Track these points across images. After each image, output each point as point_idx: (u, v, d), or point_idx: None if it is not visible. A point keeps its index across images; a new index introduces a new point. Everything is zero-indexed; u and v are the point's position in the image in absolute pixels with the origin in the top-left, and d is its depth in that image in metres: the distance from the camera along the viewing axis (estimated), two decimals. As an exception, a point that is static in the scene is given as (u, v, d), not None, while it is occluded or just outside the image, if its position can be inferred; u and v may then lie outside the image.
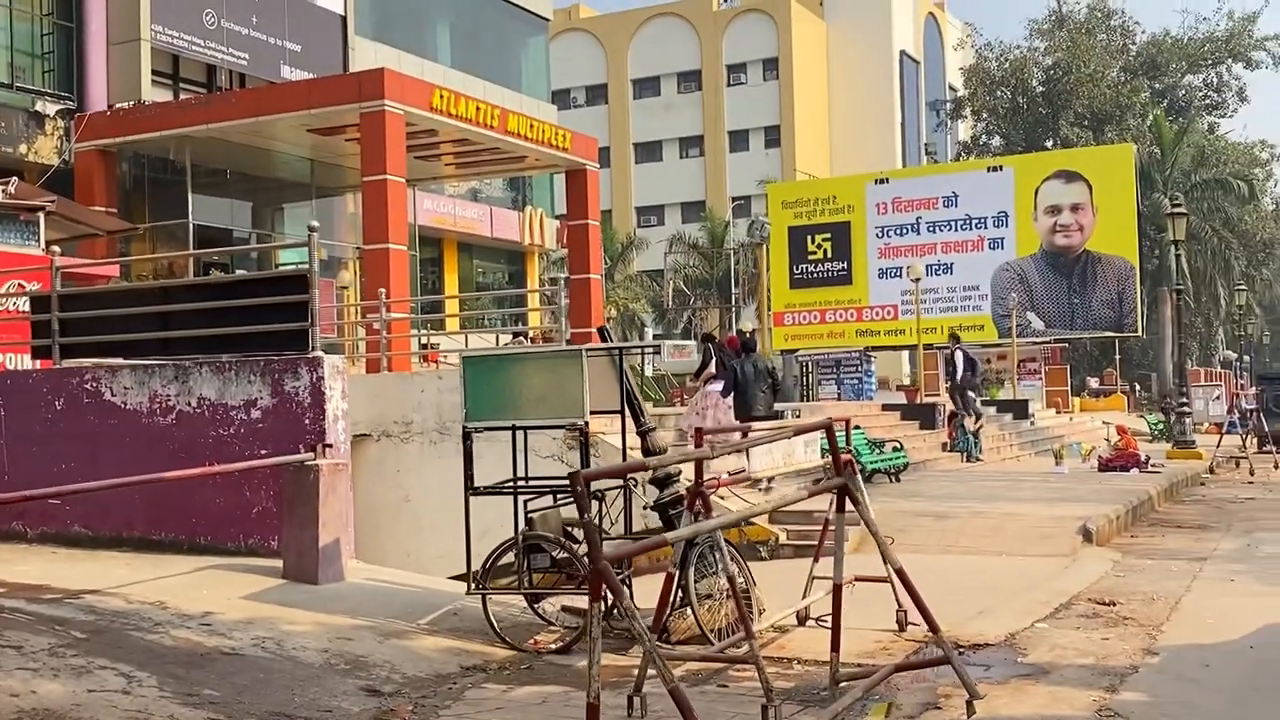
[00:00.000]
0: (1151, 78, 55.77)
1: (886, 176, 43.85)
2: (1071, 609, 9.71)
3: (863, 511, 6.20)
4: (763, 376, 15.33)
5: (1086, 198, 38.62)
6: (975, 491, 16.93)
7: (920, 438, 22.31)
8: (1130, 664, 7.72)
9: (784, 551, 12.68)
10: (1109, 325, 39.15)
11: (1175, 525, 15.33)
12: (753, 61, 64.09)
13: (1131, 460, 20.60)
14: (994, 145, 55.57)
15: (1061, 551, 12.41)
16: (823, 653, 8.12)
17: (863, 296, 40.73)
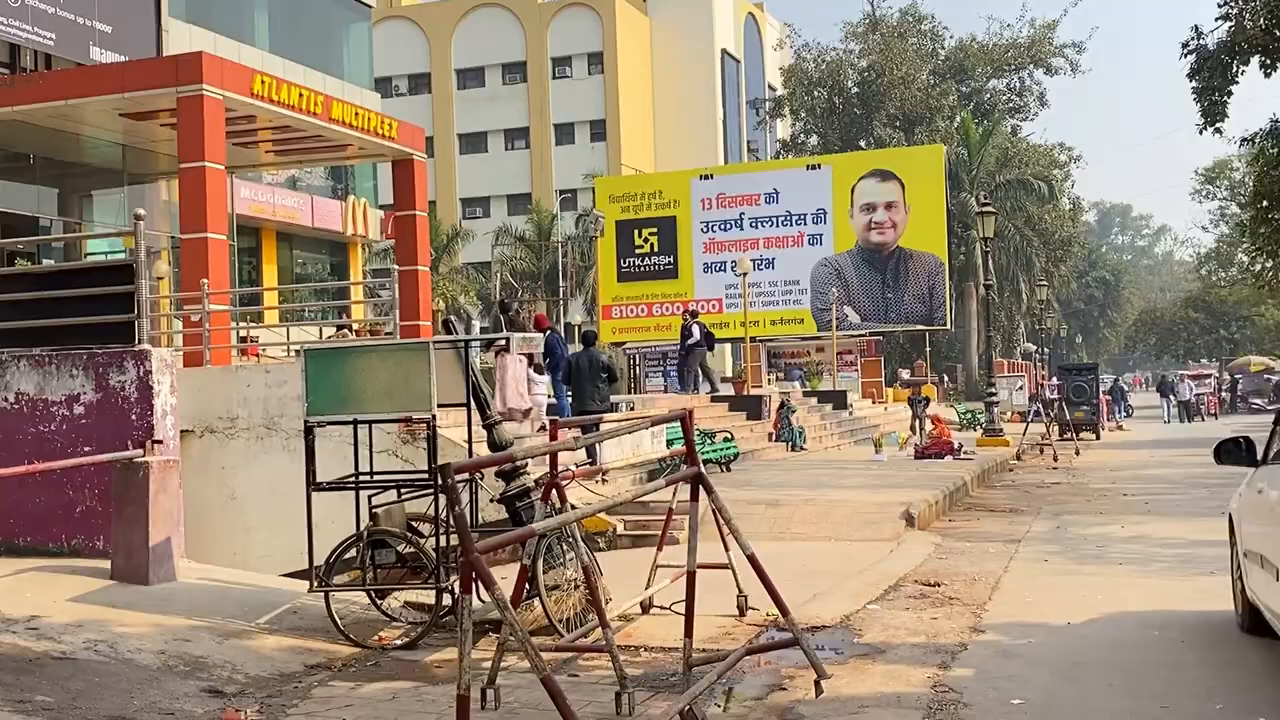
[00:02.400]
0: (959, 81, 58.21)
1: (711, 172, 44.65)
2: (900, 590, 10.12)
3: (716, 500, 6.34)
4: (598, 370, 15.43)
5: (899, 196, 40.11)
6: (803, 480, 17.43)
7: (748, 428, 22.82)
8: (959, 642, 8.10)
9: (621, 542, 12.81)
10: (920, 319, 40.76)
11: (989, 509, 16.11)
12: (578, 55, 64.23)
13: (945, 448, 21.53)
14: (812, 144, 57.10)
15: (887, 536, 12.89)
16: (669, 639, 8.30)
17: (689, 290, 41.37)
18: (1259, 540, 6.94)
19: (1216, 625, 8.11)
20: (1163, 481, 19.34)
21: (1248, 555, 7.26)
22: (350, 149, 25.80)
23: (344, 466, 8.90)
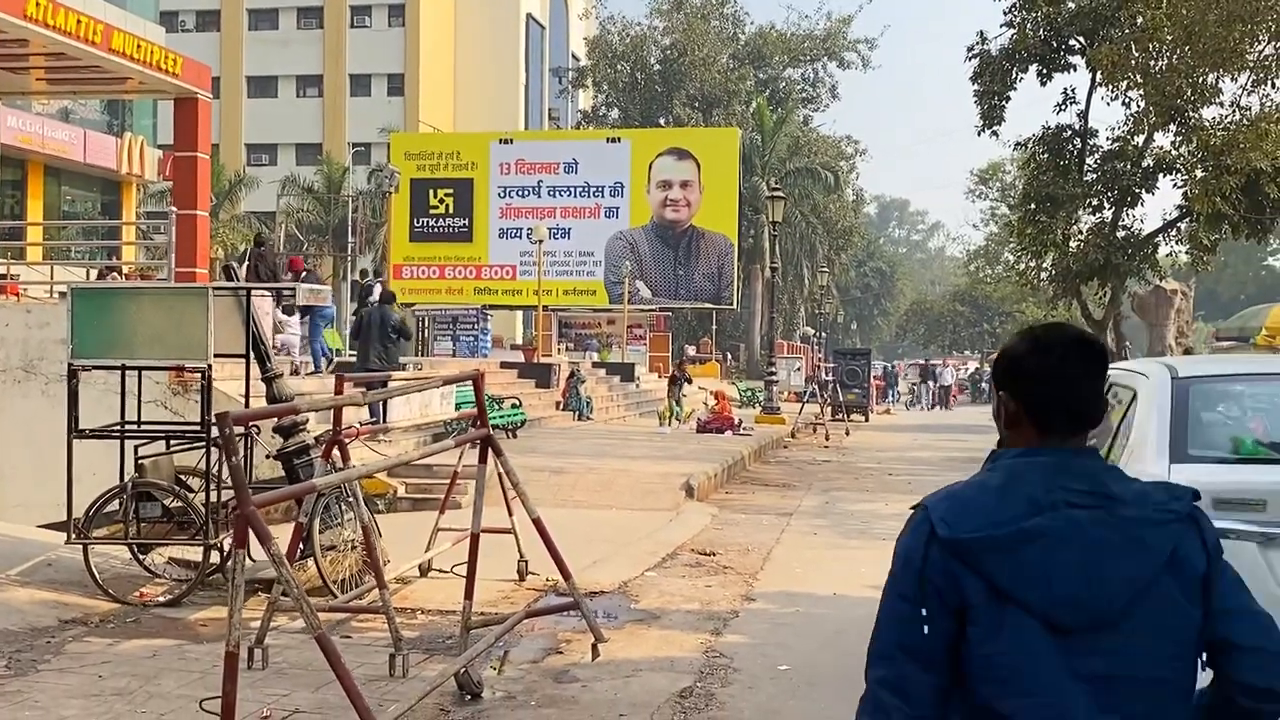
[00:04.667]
0: (757, 67, 59.41)
1: (511, 137, 44.31)
2: (677, 559, 10.33)
3: (504, 464, 6.31)
4: (387, 328, 15.11)
5: (695, 175, 40.75)
6: (588, 449, 17.56)
7: (536, 396, 22.82)
8: (731, 609, 8.34)
9: (402, 505, 12.62)
10: (709, 297, 41.60)
11: (764, 483, 16.61)
12: (378, 5, 62.47)
13: (726, 423, 22.07)
14: (612, 117, 57.31)
15: (666, 506, 13.13)
16: (446, 602, 8.24)
17: (483, 255, 41.02)
18: None
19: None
20: (924, 463, 20.34)
21: None
22: (130, 83, 24.33)
23: (110, 416, 8.45)
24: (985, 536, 1.97)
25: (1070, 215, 30.60)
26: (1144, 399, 5.39)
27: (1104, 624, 1.96)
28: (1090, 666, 1.95)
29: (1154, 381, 5.43)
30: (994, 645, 1.95)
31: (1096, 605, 1.96)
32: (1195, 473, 4.79)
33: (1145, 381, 5.50)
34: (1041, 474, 2.03)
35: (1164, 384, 5.33)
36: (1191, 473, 4.78)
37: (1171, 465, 4.91)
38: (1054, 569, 1.96)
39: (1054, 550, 1.96)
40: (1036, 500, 1.99)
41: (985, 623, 1.96)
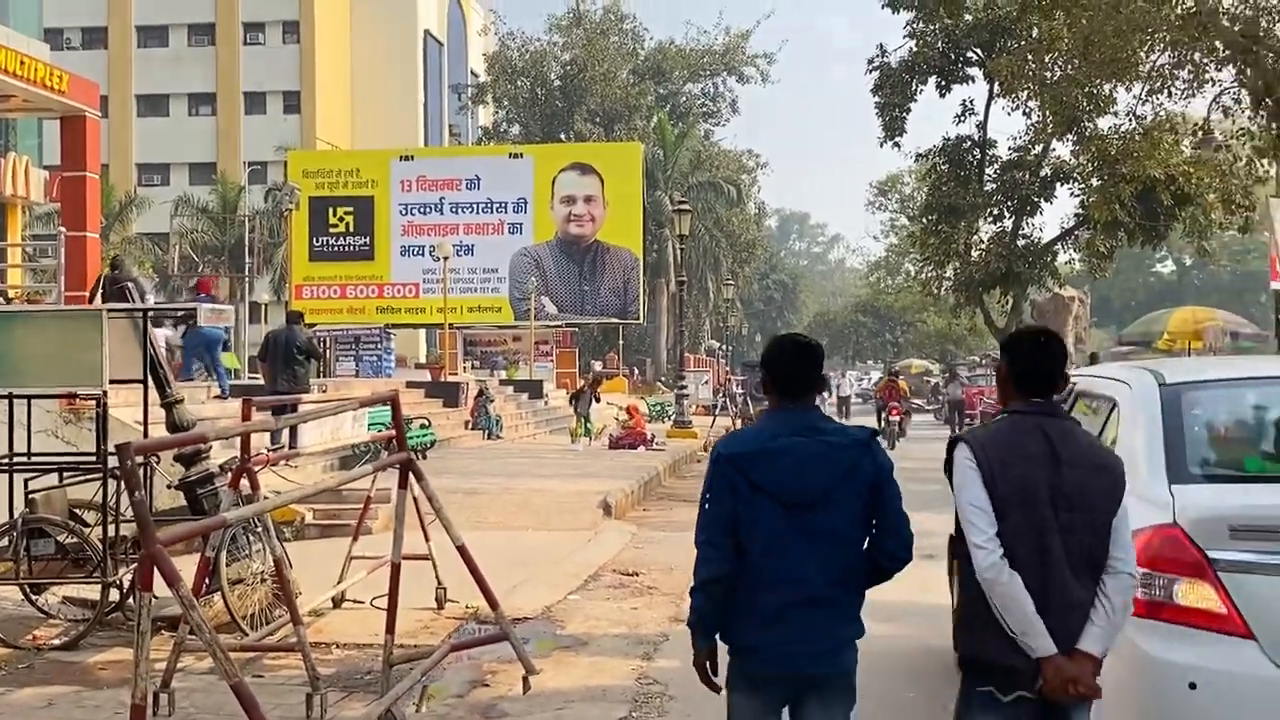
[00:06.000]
0: (657, 82, 59.55)
1: (412, 154, 43.70)
2: (600, 580, 10.07)
3: (426, 488, 5.99)
4: (294, 349, 14.60)
5: (599, 190, 40.57)
6: (501, 468, 17.21)
7: (445, 415, 22.38)
8: (661, 632, 8.09)
9: (310, 532, 12.16)
10: (615, 312, 41.41)
11: (682, 499, 16.39)
12: (272, 22, 61.26)
13: (639, 438, 21.87)
14: (514, 133, 56.96)
15: (584, 525, 12.86)
16: (362, 635, 7.86)
17: (385, 273, 40.33)
18: None
19: (925, 610, 8.45)
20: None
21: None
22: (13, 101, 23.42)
23: (-4, 447, 7.92)
24: (745, 452, 3.55)
25: (971, 225, 31.13)
26: (1128, 410, 4.81)
27: (811, 502, 3.51)
28: (805, 526, 3.50)
29: (1138, 390, 4.84)
30: (750, 515, 3.50)
31: (805, 491, 3.51)
32: (1203, 495, 4.18)
33: (1127, 390, 4.94)
34: (779, 420, 3.63)
35: (1150, 392, 4.72)
36: (1198, 495, 4.17)
37: (1173, 486, 4.22)
38: (781, 470, 3.51)
39: (781, 459, 3.52)
40: (775, 433, 3.57)
41: (746, 502, 3.50)
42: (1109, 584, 3.37)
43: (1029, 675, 3.31)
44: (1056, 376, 3.52)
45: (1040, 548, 3.33)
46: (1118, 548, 3.39)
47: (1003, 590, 3.30)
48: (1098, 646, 3.34)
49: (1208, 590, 3.96)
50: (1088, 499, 3.37)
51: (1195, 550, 4.00)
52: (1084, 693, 3.30)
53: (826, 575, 3.47)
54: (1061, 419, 3.53)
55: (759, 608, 3.48)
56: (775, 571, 3.46)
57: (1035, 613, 3.29)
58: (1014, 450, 3.42)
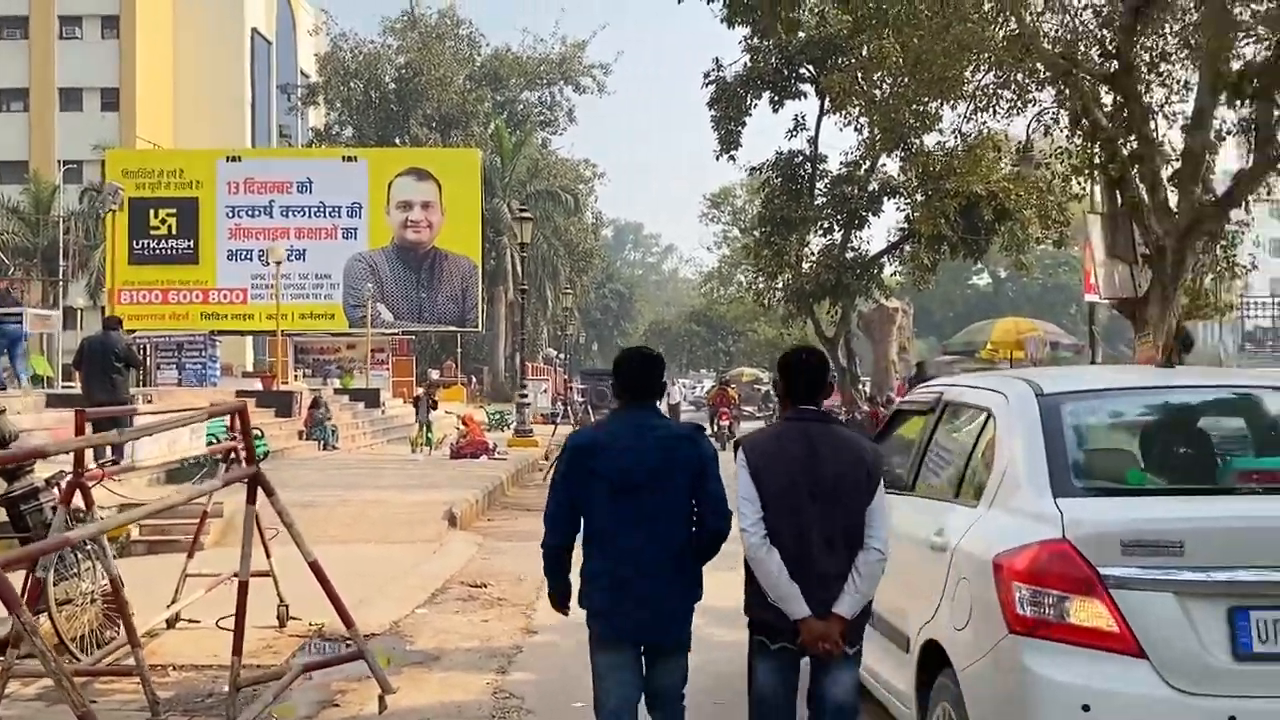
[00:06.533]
0: (494, 89, 59.19)
1: (240, 155, 42.43)
2: (448, 593, 9.89)
3: (276, 502, 5.77)
4: (111, 357, 13.90)
5: (436, 196, 40.07)
6: (338, 479, 16.78)
7: (277, 425, 21.69)
8: (514, 644, 8.00)
9: (136, 548, 11.62)
10: (453, 320, 40.94)
11: (525, 508, 16.28)
12: (90, 15, 58.50)
13: (481, 448, 21.64)
14: (346, 135, 55.77)
15: (429, 537, 12.63)
16: (200, 656, 7.55)
17: (210, 278, 38.95)
18: None
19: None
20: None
21: None
22: None
23: None
24: (589, 443, 4.37)
25: (803, 237, 31.82)
26: (1006, 422, 4.64)
27: (643, 485, 4.24)
28: (639, 506, 4.23)
29: (1015, 401, 4.67)
30: (587, 496, 4.29)
31: (634, 476, 4.24)
32: (1092, 510, 4.04)
33: (1003, 401, 4.76)
34: (623, 418, 4.41)
35: (1028, 403, 4.57)
36: (1087, 510, 4.03)
37: (1057, 500, 4.10)
38: (618, 459, 4.26)
39: (619, 450, 4.28)
40: (617, 428, 4.36)
41: (586, 486, 4.28)
42: (860, 558, 4.13)
43: (790, 631, 4.10)
44: (819, 388, 4.34)
45: (798, 531, 4.09)
46: (871, 528, 4.16)
47: (764, 565, 4.10)
48: (847, 610, 4.10)
49: (1100, 608, 3.84)
50: (843, 490, 4.14)
51: (1086, 567, 3.88)
52: (830, 649, 4.06)
53: (659, 548, 4.23)
54: (824, 423, 4.31)
55: (604, 577, 4.26)
56: (616, 546, 4.24)
57: (790, 582, 4.06)
58: (779, 451, 4.21)
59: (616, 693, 4.31)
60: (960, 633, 4.29)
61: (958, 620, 4.31)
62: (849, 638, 4.16)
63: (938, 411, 5.54)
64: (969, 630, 4.22)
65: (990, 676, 4.06)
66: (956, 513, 4.72)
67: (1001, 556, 4.05)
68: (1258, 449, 4.81)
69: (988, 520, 4.41)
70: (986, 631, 4.08)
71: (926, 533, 4.80)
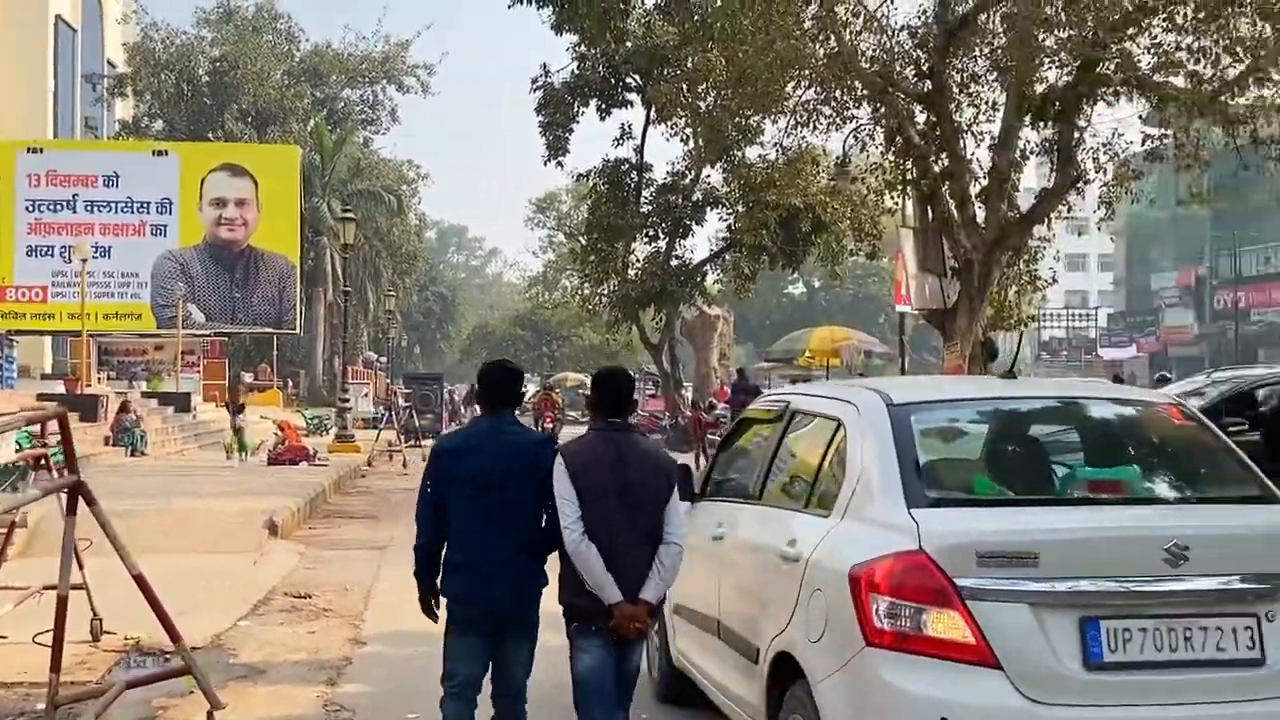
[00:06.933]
0: (314, 85, 57.74)
1: (40, 146, 40.38)
2: (272, 604, 9.65)
3: (99, 513, 5.55)
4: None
5: (253, 194, 38.95)
6: (151, 487, 16.12)
7: (82, 430, 20.64)
8: (343, 656, 7.86)
9: (-72, 561, 10.92)
10: (270, 321, 39.85)
11: (349, 516, 16.00)
12: None
13: (300, 454, 21.12)
14: (157, 129, 53.54)
15: (249, 546, 12.28)
16: (7, 673, 7.20)
17: (7, 275, 36.91)
18: (699, 595, 5.76)
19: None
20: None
21: (679, 611, 6.12)
22: None
23: None
24: (452, 447, 4.92)
25: (629, 244, 32.19)
26: (856, 432, 4.64)
27: (500, 484, 4.72)
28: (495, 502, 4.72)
29: (866, 411, 4.68)
30: (449, 494, 4.77)
31: (489, 477, 4.72)
32: (947, 521, 4.06)
33: (853, 411, 4.76)
34: (484, 425, 4.92)
35: (879, 413, 4.59)
36: (942, 521, 4.04)
37: (913, 511, 4.10)
38: (478, 461, 4.76)
39: (479, 453, 4.79)
40: (478, 433, 4.89)
41: (447, 486, 4.77)
42: (662, 551, 4.69)
43: (604, 615, 4.61)
44: (624, 403, 4.89)
45: (609, 528, 4.60)
46: (669, 525, 4.72)
47: (584, 558, 4.60)
48: (653, 595, 4.68)
49: (956, 620, 3.84)
50: (646, 492, 4.70)
51: (943, 578, 3.87)
52: (639, 629, 4.66)
53: (512, 540, 4.73)
54: (629, 433, 4.86)
55: (462, 565, 4.77)
56: (473, 537, 4.75)
57: (606, 572, 4.58)
58: (592, 458, 4.73)
59: (464, 668, 4.79)
60: (815, 645, 4.25)
61: (812, 632, 4.27)
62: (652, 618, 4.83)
63: (785, 420, 5.50)
64: (824, 642, 4.18)
65: (847, 689, 4.03)
66: (808, 523, 4.70)
67: (858, 568, 4.03)
68: (1096, 459, 4.90)
69: (842, 531, 4.39)
70: (843, 644, 4.06)
71: (777, 543, 4.75)
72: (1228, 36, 15.37)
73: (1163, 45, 15.99)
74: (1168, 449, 4.97)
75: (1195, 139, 17.15)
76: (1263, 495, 4.50)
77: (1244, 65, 15.76)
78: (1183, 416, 5.02)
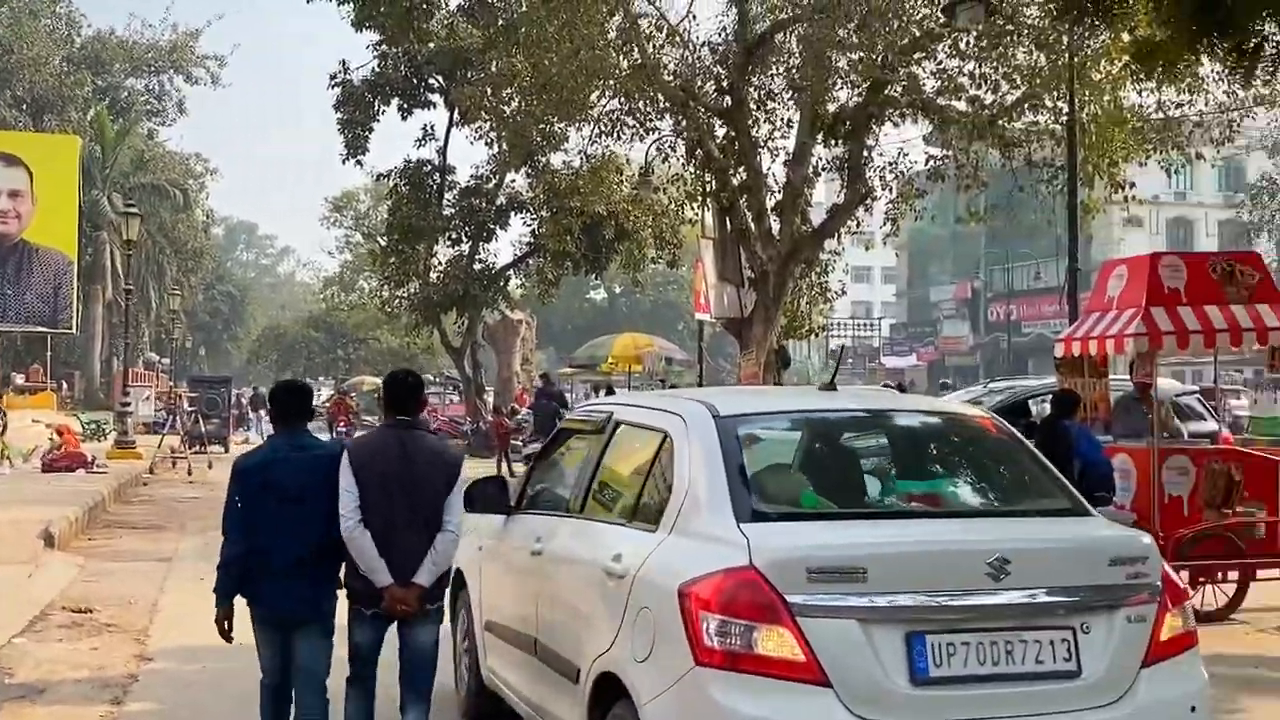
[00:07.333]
0: (96, 73, 54.87)
1: None
2: (50, 620, 9.16)
3: None
4: None
5: (27, 185, 36.91)
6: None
7: None
8: (129, 673, 7.54)
9: None
10: (44, 320, 37.79)
11: (131, 526, 15.28)
12: None
13: (78, 460, 20.06)
14: (-81, 113, 50.00)
15: (23, 558, 11.56)
16: None
17: None
18: (515, 611, 5.60)
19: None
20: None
21: (491, 628, 5.96)
22: None
23: None
24: (254, 464, 5.18)
25: (430, 247, 31.85)
26: (683, 444, 4.52)
27: (299, 496, 5.00)
28: (294, 513, 4.99)
29: (693, 422, 4.57)
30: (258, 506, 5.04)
31: (291, 489, 5.02)
32: (775, 535, 4.00)
33: (679, 423, 4.66)
34: (280, 439, 5.25)
35: (706, 425, 4.50)
36: (772, 536, 3.98)
37: (742, 526, 4.03)
38: (274, 474, 5.07)
39: (279, 467, 5.08)
40: (276, 448, 5.21)
41: (255, 498, 5.05)
42: (438, 539, 5.03)
43: (376, 596, 5.01)
44: (410, 402, 5.23)
45: (386, 516, 4.95)
46: (448, 514, 5.05)
47: (357, 544, 4.96)
48: (425, 579, 5.02)
49: (787, 637, 3.76)
50: (428, 484, 5.05)
51: (774, 594, 3.78)
52: (407, 610, 5.02)
53: (306, 548, 5.02)
54: (414, 430, 5.20)
55: (264, 570, 5.06)
56: (275, 545, 5.02)
57: (378, 557, 4.95)
58: (376, 452, 5.11)
59: (273, 661, 5.22)
60: (642, 664, 4.09)
61: (639, 651, 4.11)
62: (428, 600, 5.09)
63: (608, 432, 5.34)
64: (652, 662, 4.04)
65: (675, 710, 3.92)
66: (634, 538, 4.54)
67: (687, 585, 3.90)
68: (918, 472, 4.93)
69: (670, 546, 4.27)
70: (671, 663, 3.92)
71: (601, 558, 4.58)
72: (1006, 64, 16.36)
73: (947, 70, 16.90)
74: (984, 462, 5.01)
75: (974, 160, 18.18)
76: (1074, 508, 4.57)
77: (1020, 92, 16.80)
78: (996, 429, 5.06)
